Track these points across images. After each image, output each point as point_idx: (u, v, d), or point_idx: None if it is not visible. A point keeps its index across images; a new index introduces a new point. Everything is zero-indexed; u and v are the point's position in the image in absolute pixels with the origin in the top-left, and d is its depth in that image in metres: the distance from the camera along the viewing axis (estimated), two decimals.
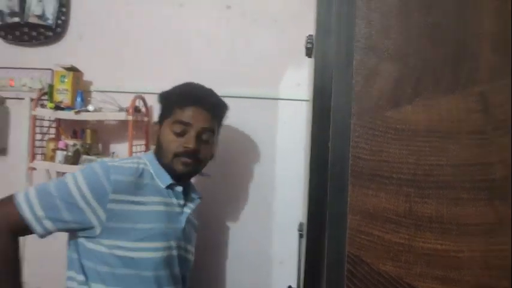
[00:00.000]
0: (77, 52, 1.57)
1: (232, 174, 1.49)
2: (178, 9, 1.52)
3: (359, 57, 0.50)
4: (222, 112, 1.17)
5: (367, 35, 0.50)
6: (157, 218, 1.04)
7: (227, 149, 1.49)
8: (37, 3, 1.56)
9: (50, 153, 1.47)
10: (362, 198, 0.48)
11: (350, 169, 0.50)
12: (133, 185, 1.01)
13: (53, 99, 1.44)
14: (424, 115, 0.46)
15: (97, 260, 0.98)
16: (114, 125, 1.54)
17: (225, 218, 1.50)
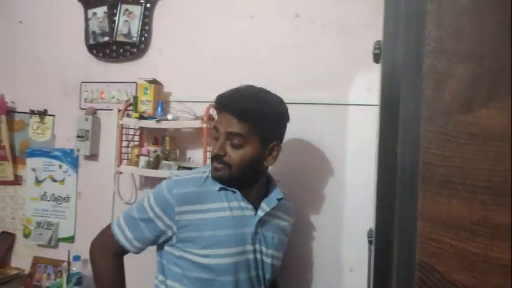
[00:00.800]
0: (158, 66, 1.71)
1: (302, 181, 1.50)
2: (249, 21, 1.58)
3: (429, 61, 0.49)
4: (255, 117, 1.05)
5: (437, 38, 0.48)
6: (223, 224, 1.05)
7: (296, 155, 1.50)
8: (123, 23, 1.73)
9: (134, 158, 1.61)
10: (433, 204, 0.47)
11: (420, 175, 0.49)
12: (197, 194, 1.06)
13: (137, 110, 1.57)
14: (499, 119, 0.44)
15: (171, 261, 1.08)
16: (190, 132, 1.64)
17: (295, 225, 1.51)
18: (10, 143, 1.92)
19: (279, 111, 1.11)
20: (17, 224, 1.92)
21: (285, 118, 1.14)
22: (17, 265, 1.88)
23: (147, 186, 1.72)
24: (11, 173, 1.91)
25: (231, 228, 1.06)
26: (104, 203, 1.76)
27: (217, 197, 1.08)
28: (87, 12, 1.78)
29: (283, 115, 1.13)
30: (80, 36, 1.80)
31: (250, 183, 1.11)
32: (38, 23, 1.91)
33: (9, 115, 1.93)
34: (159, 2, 1.71)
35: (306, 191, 1.50)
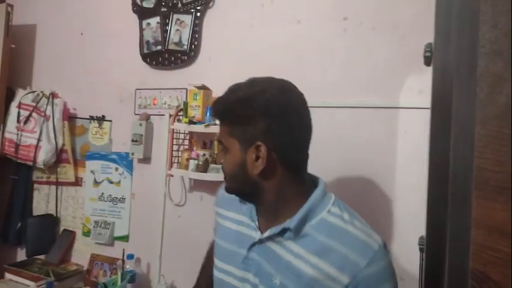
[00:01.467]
0: (207, 72, 1.76)
1: (349, 185, 1.48)
2: (296, 26, 1.59)
3: (484, 63, 0.47)
4: (225, 114, 0.88)
5: (492, 40, 0.47)
6: (228, 236, 0.94)
7: (344, 160, 1.49)
8: (175, 32, 1.80)
9: (184, 162, 1.67)
10: (488, 212, 0.45)
11: (474, 181, 0.47)
12: (228, 200, 0.98)
13: (187, 115, 1.63)
14: None
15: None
16: None
17: None
18: (72, 146, 2.06)
19: (247, 97, 0.84)
20: (77, 222, 2.06)
21: (260, 106, 0.81)
22: (77, 261, 2.01)
23: (196, 189, 1.77)
24: (72, 174, 2.06)
25: (234, 243, 0.92)
26: (156, 204, 1.84)
27: (236, 207, 0.95)
28: (141, 23, 1.89)
29: (255, 102, 0.82)
30: (135, 46, 1.90)
31: (255, 198, 0.89)
32: (97, 34, 2.05)
33: (71, 121, 2.08)
34: (209, 11, 1.77)
35: (354, 197, 1.48)
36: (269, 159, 0.81)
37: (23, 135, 2.02)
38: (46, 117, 2.02)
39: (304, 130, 0.86)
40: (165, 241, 1.82)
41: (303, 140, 0.86)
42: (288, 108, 0.83)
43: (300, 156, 0.86)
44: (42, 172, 2.09)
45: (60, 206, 2.09)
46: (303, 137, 0.86)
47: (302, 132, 0.85)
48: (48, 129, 2.01)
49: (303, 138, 0.85)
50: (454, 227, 0.49)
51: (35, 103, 2.04)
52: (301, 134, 0.85)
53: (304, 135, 0.86)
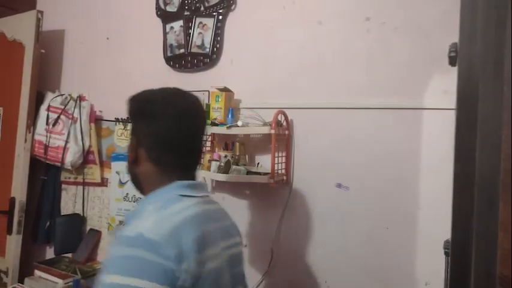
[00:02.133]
0: (229, 74, 1.78)
1: (372, 189, 1.46)
2: (317, 27, 1.58)
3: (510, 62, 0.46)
4: (128, 113, 1.01)
5: None
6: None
7: (366, 162, 1.47)
8: (198, 35, 1.83)
9: (206, 163, 1.68)
10: None
11: (501, 184, 0.46)
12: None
13: (209, 117, 1.65)
14: None
15: None
16: (259, 138, 1.68)
17: (364, 234, 1.47)
18: (98, 148, 2.12)
19: (137, 100, 0.99)
20: (103, 222, 2.11)
21: (139, 108, 0.98)
22: (102, 259, 2.06)
23: (218, 190, 1.79)
24: (98, 175, 2.11)
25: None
26: None
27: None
28: (165, 26, 1.92)
29: (138, 105, 0.98)
30: (158, 50, 1.94)
31: (135, 185, 1.01)
32: (122, 39, 2.10)
33: (98, 123, 2.14)
34: (231, 14, 1.78)
35: (377, 200, 1.46)
36: (138, 153, 0.95)
37: (52, 137, 2.09)
38: (74, 119, 2.08)
39: (177, 134, 0.94)
40: None
41: (174, 143, 0.94)
42: (163, 114, 0.93)
43: (170, 156, 0.94)
44: (70, 173, 2.16)
45: (87, 206, 2.15)
46: (175, 140, 0.94)
47: (174, 136, 0.93)
48: (76, 131, 2.08)
49: (175, 141, 0.94)
50: (481, 231, 0.48)
51: (63, 106, 2.11)
52: (173, 137, 0.93)
53: (176, 139, 0.94)
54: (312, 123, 1.58)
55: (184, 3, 1.87)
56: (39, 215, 2.22)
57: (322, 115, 1.56)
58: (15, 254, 2.02)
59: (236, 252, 1.00)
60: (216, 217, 0.98)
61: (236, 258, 1.00)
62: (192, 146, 0.98)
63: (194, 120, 0.99)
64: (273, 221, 1.64)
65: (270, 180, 1.49)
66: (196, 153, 1.01)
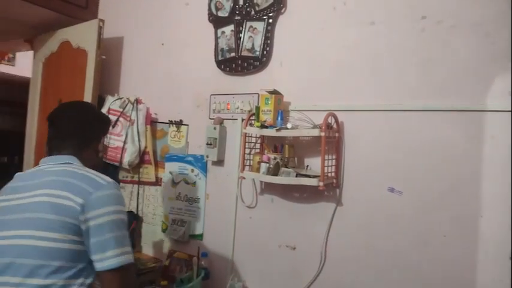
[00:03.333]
0: (278, 77, 1.79)
1: (427, 194, 1.41)
2: (369, 27, 1.55)
3: None
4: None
5: None
6: None
7: (421, 166, 1.42)
8: (248, 39, 1.86)
9: (256, 165, 1.70)
10: None
11: None
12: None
13: (259, 119, 1.67)
14: None
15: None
16: (308, 141, 1.68)
17: (419, 241, 1.42)
18: (153, 149, 2.22)
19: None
20: (157, 219, 2.21)
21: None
22: (157, 256, 2.16)
23: (266, 192, 1.81)
24: (153, 175, 2.21)
25: None
26: (228, 205, 1.91)
27: None
28: (217, 31, 1.97)
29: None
30: (210, 54, 2.00)
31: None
32: (176, 44, 2.19)
33: (153, 125, 2.24)
34: (281, 17, 1.79)
35: (433, 206, 1.40)
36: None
37: (112, 138, 2.22)
38: (131, 121, 2.20)
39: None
40: (237, 241, 1.88)
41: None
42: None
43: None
44: (127, 172, 2.28)
45: (142, 204, 2.26)
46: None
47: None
48: (133, 132, 2.19)
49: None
50: None
51: (121, 109, 2.23)
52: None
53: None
54: (364, 125, 1.55)
55: (236, 8, 1.91)
56: None
57: (374, 117, 1.53)
58: None
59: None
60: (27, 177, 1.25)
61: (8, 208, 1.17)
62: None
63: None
64: (322, 224, 1.63)
65: (320, 183, 1.48)
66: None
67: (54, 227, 1.08)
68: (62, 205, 1.10)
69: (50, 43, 2.57)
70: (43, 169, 1.23)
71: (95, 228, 1.10)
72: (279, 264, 1.75)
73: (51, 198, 1.11)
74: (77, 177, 1.17)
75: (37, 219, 1.09)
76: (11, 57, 4.12)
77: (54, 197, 1.11)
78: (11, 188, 1.22)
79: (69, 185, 1.14)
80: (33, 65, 2.75)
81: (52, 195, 1.12)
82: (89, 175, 1.19)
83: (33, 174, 1.23)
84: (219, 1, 1.97)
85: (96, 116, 1.44)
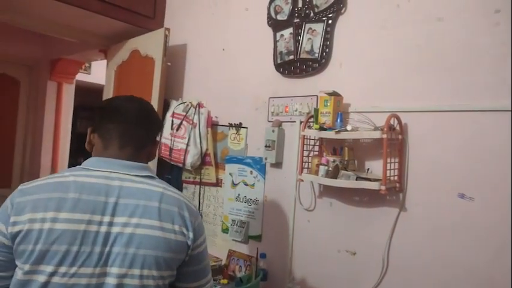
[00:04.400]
0: (337, 78, 1.76)
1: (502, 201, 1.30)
2: (436, 24, 1.48)
3: None
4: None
5: None
6: None
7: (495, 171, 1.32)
8: (307, 41, 1.85)
9: (314, 167, 1.69)
10: None
11: None
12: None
13: (317, 121, 1.66)
14: None
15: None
16: (369, 143, 1.63)
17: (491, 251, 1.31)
18: (214, 151, 2.29)
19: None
20: (217, 219, 2.27)
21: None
22: (217, 255, 2.22)
23: (325, 195, 1.78)
24: (213, 176, 2.28)
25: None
26: (286, 207, 1.91)
27: None
28: (275, 35, 1.99)
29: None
30: (269, 58, 2.02)
31: None
32: (236, 49, 2.25)
33: (214, 128, 2.31)
34: (340, 17, 1.77)
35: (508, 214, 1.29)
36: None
37: (175, 141, 2.33)
38: (193, 124, 2.29)
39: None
40: (295, 244, 1.88)
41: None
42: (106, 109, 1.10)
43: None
44: (189, 173, 2.38)
45: (203, 204, 2.34)
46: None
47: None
48: (195, 135, 2.28)
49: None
50: None
51: (185, 112, 2.34)
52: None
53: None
54: (430, 127, 1.47)
55: (294, 11, 1.91)
56: None
57: (441, 118, 1.45)
58: None
59: (92, 230, 0.91)
60: (86, 190, 0.94)
61: (92, 235, 0.91)
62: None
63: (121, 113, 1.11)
64: (383, 230, 1.57)
65: (382, 187, 1.43)
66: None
67: (167, 266, 0.96)
68: (176, 242, 0.97)
69: (122, 52, 2.76)
70: (121, 181, 0.98)
71: (195, 257, 1.03)
72: (338, 270, 1.71)
73: (165, 234, 0.95)
74: (176, 203, 1.01)
75: (153, 258, 0.93)
76: (87, 66, 4.49)
77: (168, 232, 0.96)
78: (75, 201, 0.92)
79: (176, 216, 0.99)
80: (107, 72, 2.98)
81: (165, 229, 0.96)
82: (184, 200, 1.05)
83: (108, 187, 0.96)
84: (278, 5, 1.99)
85: (156, 113, 1.19)
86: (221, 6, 2.35)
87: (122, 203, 0.95)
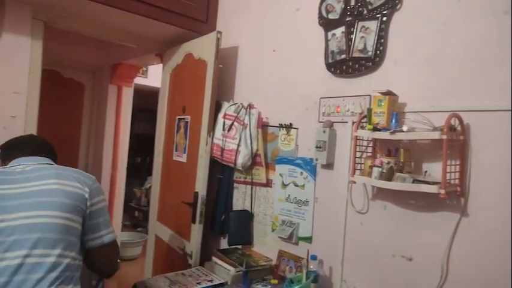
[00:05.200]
0: (392, 77, 1.70)
1: None
2: (504, 17, 1.37)
3: None
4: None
5: None
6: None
7: None
8: (360, 39, 1.81)
9: (367, 169, 1.64)
10: None
11: None
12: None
13: (371, 122, 1.61)
14: None
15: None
16: (426, 144, 1.55)
17: None
18: (264, 151, 2.31)
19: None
20: (267, 219, 2.28)
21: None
22: (267, 255, 2.23)
23: (379, 197, 1.73)
24: (264, 176, 2.30)
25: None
26: (338, 209, 1.88)
27: None
28: (327, 34, 1.97)
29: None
30: (320, 57, 2.00)
31: None
32: (287, 50, 2.25)
33: (264, 128, 2.33)
34: (396, 14, 1.70)
35: None
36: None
37: (227, 141, 2.38)
38: (244, 125, 2.32)
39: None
40: (347, 247, 1.84)
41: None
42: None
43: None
44: (240, 173, 2.41)
45: (254, 204, 2.36)
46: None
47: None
48: (246, 136, 2.31)
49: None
50: None
51: (236, 113, 2.38)
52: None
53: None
54: (497, 127, 1.37)
55: (347, 9, 1.88)
56: (215, 209, 2.56)
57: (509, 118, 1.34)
58: (197, 240, 2.37)
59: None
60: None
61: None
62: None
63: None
64: (443, 236, 1.49)
65: (441, 191, 1.36)
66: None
67: (69, 209, 1.30)
68: (74, 192, 1.34)
69: (176, 56, 2.87)
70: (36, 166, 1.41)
71: (94, 212, 1.38)
72: (392, 275, 1.65)
73: (63, 187, 1.33)
74: (71, 170, 1.42)
75: (55, 202, 1.29)
76: (144, 70, 4.72)
77: (66, 186, 1.34)
78: (2, 180, 1.33)
79: (71, 177, 1.38)
80: (162, 76, 3.11)
81: (63, 184, 1.34)
82: (80, 170, 1.46)
83: (26, 170, 1.39)
84: (329, 4, 1.96)
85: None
86: (272, 8, 2.36)
87: (38, 174, 1.37)
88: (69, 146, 4.26)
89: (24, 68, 2.39)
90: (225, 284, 1.98)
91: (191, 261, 2.37)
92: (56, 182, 1.34)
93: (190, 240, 2.43)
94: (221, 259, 2.15)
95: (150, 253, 3.03)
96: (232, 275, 2.01)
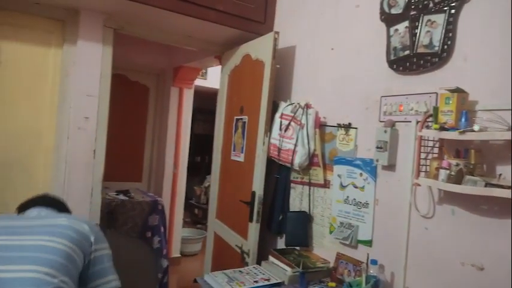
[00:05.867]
0: (461, 73, 1.59)
1: None
2: None
3: None
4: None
5: None
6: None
7: None
8: (425, 34, 1.71)
9: (433, 171, 1.55)
10: None
11: None
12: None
13: (437, 121, 1.52)
14: None
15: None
16: (501, 145, 1.43)
17: None
18: (322, 151, 2.28)
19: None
20: (325, 221, 2.25)
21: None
22: (324, 257, 2.20)
23: (446, 201, 1.62)
24: (321, 177, 2.26)
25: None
26: (400, 213, 1.79)
27: None
28: (389, 30, 1.89)
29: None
30: (381, 54, 1.93)
31: None
32: (345, 47, 2.19)
33: (322, 128, 2.30)
34: (465, 6, 1.59)
35: None
36: None
37: (284, 141, 2.38)
38: (301, 125, 2.31)
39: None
40: (410, 252, 1.75)
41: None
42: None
43: None
44: (297, 173, 2.40)
45: (311, 205, 2.34)
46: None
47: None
48: (303, 135, 2.29)
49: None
50: None
51: (293, 113, 2.37)
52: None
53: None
54: None
55: (411, 3, 1.79)
56: (272, 209, 2.57)
57: None
58: (255, 239, 2.40)
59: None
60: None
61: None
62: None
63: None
64: None
65: None
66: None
67: (74, 241, 1.37)
68: (80, 230, 1.41)
69: (234, 57, 2.93)
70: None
71: (98, 258, 1.42)
72: (461, 284, 1.55)
73: (72, 224, 1.40)
74: (77, 217, 1.49)
75: (62, 232, 1.37)
76: (203, 72, 4.88)
77: (74, 223, 1.42)
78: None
79: (83, 221, 1.46)
80: (221, 77, 3.19)
81: (71, 221, 1.43)
82: (88, 221, 1.52)
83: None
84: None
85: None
86: (330, 6, 2.32)
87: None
88: (136, 145, 4.52)
89: (96, 72, 2.58)
90: (282, 284, 1.98)
91: (248, 259, 2.40)
92: (65, 220, 1.43)
93: (247, 238, 2.46)
94: (278, 259, 2.16)
95: (209, 250, 3.12)
96: (289, 276, 2.01)
